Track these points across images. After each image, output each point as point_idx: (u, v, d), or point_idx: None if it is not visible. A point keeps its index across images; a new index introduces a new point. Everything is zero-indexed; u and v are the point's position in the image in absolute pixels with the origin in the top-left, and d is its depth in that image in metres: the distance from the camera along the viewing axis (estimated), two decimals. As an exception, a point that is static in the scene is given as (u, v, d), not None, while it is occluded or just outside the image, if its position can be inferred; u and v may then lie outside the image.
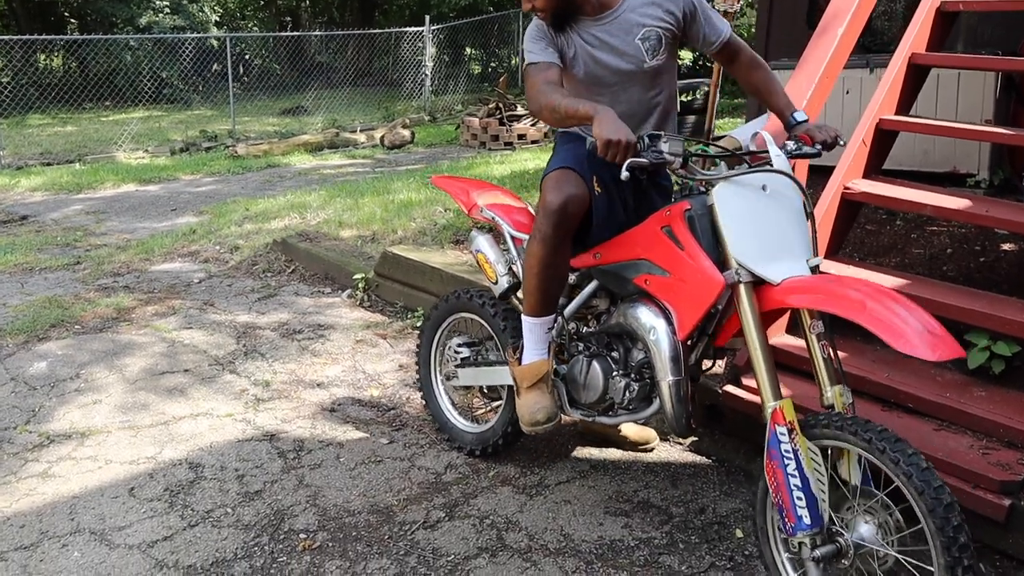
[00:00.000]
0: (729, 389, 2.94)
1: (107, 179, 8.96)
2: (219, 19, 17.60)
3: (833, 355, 2.16)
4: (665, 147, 2.18)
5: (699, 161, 2.28)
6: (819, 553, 2.02)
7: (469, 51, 19.77)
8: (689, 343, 2.38)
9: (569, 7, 2.45)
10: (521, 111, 10.94)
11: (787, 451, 2.04)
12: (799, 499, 2.02)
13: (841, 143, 2.47)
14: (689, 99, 10.09)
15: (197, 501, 2.78)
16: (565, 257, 2.51)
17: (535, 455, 3.05)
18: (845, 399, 2.13)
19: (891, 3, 5.97)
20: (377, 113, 14.29)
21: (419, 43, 14.69)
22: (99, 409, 3.46)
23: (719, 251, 2.22)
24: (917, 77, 3.48)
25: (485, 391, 3.05)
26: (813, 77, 3.15)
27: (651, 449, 3.08)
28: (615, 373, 2.54)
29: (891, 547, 1.97)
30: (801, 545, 2.04)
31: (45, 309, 4.60)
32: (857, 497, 2.04)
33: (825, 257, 3.09)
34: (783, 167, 2.26)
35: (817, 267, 2.21)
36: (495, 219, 2.88)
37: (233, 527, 2.64)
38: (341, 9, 23.10)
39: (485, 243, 2.91)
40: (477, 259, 2.93)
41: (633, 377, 2.50)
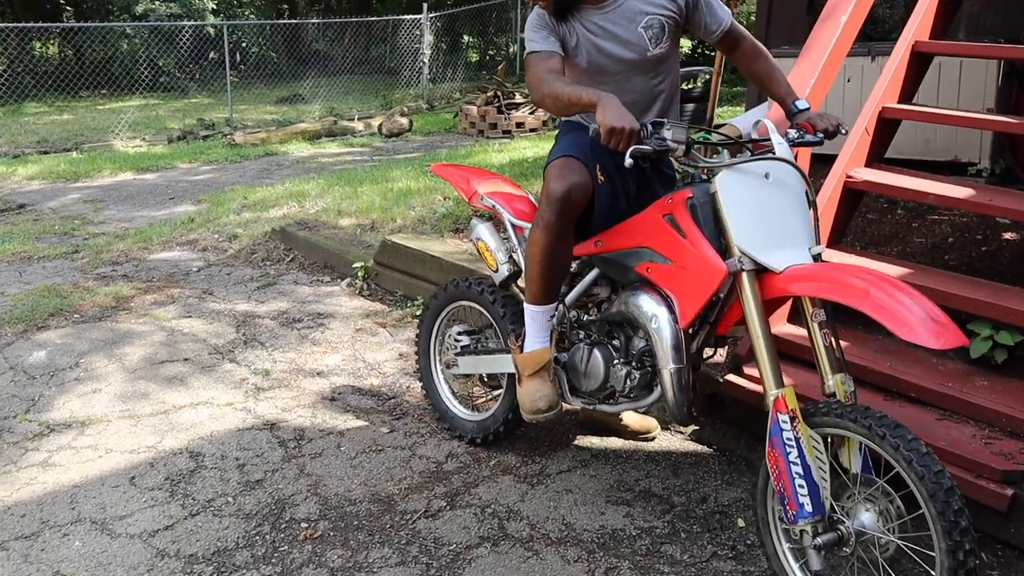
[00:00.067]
0: (730, 378, 2.94)
1: (104, 167, 8.92)
2: (216, 7, 17.45)
3: (835, 343, 2.15)
4: (668, 134, 2.17)
5: (701, 149, 2.27)
6: (820, 541, 2.02)
7: (467, 39, 19.65)
8: (691, 331, 2.37)
9: None
10: (519, 99, 10.90)
11: (789, 439, 2.04)
12: (801, 487, 2.02)
13: (843, 131, 2.46)
14: (689, 87, 10.04)
15: (198, 490, 2.78)
16: (568, 245, 2.51)
17: (536, 444, 3.05)
18: (847, 387, 2.12)
19: (893, -10, 5.94)
20: (375, 101, 14.23)
21: (417, 31, 14.61)
22: (99, 398, 3.45)
23: (721, 239, 2.21)
24: (920, 65, 3.47)
25: (485, 379, 3.05)
26: (816, 65, 3.13)
27: (652, 438, 3.08)
28: (616, 361, 2.54)
29: (892, 534, 1.98)
30: (803, 533, 2.04)
31: (44, 298, 4.59)
32: (858, 485, 2.04)
33: (827, 246, 3.08)
34: (785, 155, 2.25)
35: (819, 255, 2.20)
36: (496, 207, 2.87)
37: (234, 516, 2.64)
38: (338, -4, 22.99)
39: (486, 231, 2.90)
40: (477, 247, 2.92)
41: (634, 365, 2.50)
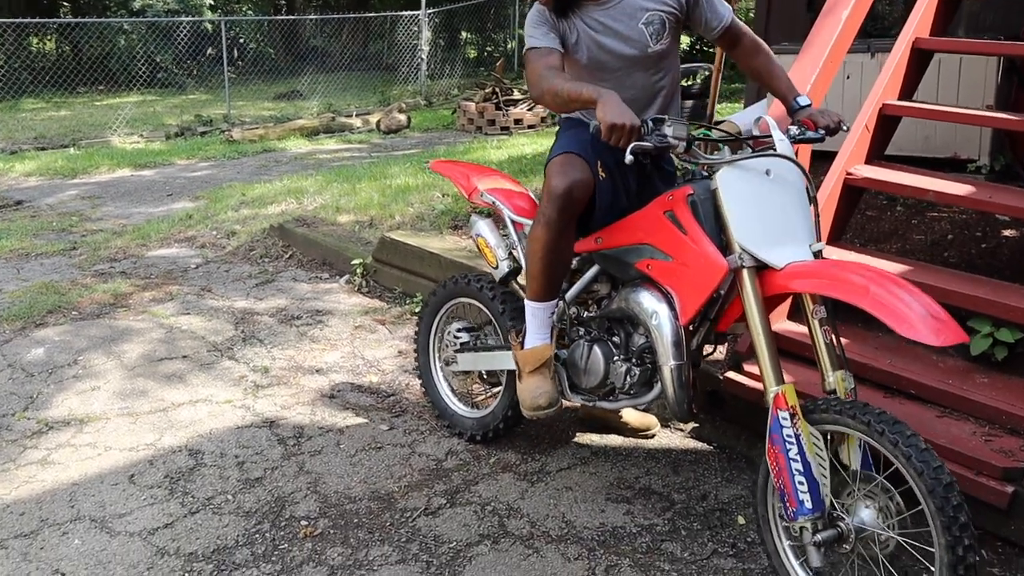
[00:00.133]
0: (730, 375, 2.94)
1: (102, 164, 8.90)
2: (213, 2, 17.43)
3: (836, 340, 2.15)
4: (669, 131, 2.16)
5: (702, 145, 2.27)
6: (820, 538, 2.02)
7: (465, 35, 19.63)
8: (691, 328, 2.37)
9: None
10: (518, 96, 10.88)
11: (789, 436, 2.04)
12: (801, 484, 2.02)
13: (844, 128, 2.46)
14: (688, 84, 10.03)
15: (197, 488, 2.77)
16: (569, 242, 2.50)
17: (536, 442, 3.05)
18: (847, 384, 2.12)
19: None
20: (373, 98, 14.21)
21: (415, 27, 14.59)
22: (97, 396, 3.45)
23: (722, 236, 2.21)
24: (920, 62, 3.46)
25: (484, 376, 3.04)
26: (817, 61, 3.13)
27: (652, 435, 3.08)
28: (616, 358, 2.54)
29: (892, 530, 1.98)
30: (802, 530, 2.04)
31: (42, 295, 4.57)
32: (857, 481, 2.04)
33: (827, 243, 3.07)
34: (786, 152, 2.25)
35: (820, 252, 2.20)
36: (496, 204, 2.87)
37: (234, 514, 2.63)
38: (336, -8, 22.93)
39: (485, 228, 2.90)
40: (477, 244, 2.91)
41: (634, 362, 2.50)
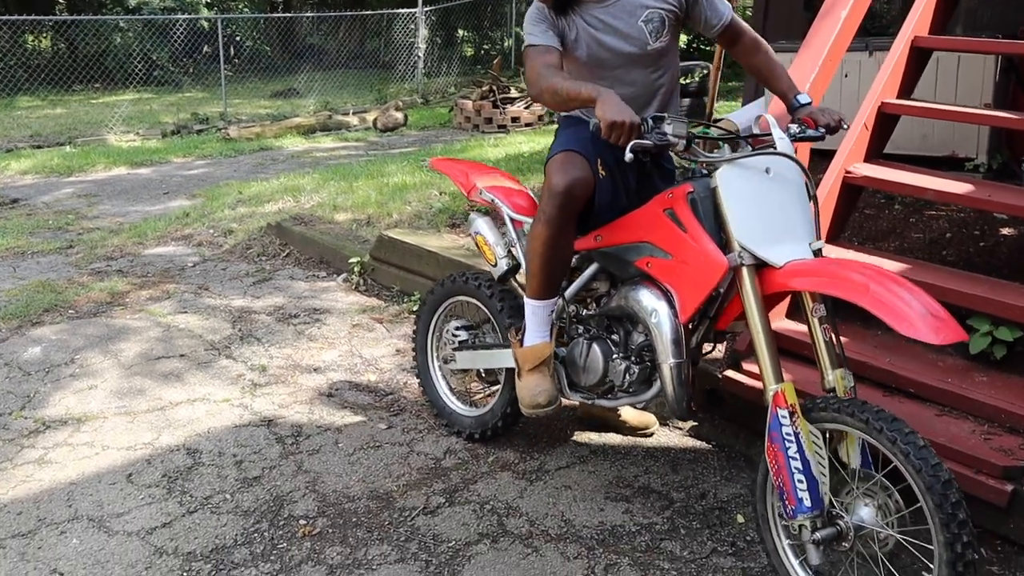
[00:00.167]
0: (729, 374, 2.93)
1: (98, 162, 8.87)
2: (209, 0, 17.40)
3: (835, 339, 2.15)
4: (669, 129, 2.16)
5: (702, 143, 2.26)
6: (819, 536, 2.02)
7: (462, 33, 19.61)
8: (690, 326, 2.37)
9: None
10: (515, 93, 10.87)
11: (788, 434, 2.04)
12: (800, 482, 2.02)
13: (844, 127, 2.46)
14: (687, 82, 10.02)
15: (195, 487, 2.77)
16: (569, 240, 2.50)
17: (534, 440, 3.04)
18: (847, 383, 2.12)
19: (891, -15, 5.94)
20: (370, 95, 14.17)
21: (411, 25, 14.56)
22: (95, 394, 3.43)
23: (721, 234, 2.21)
24: (919, 60, 3.46)
25: (483, 374, 3.04)
26: (817, 59, 3.13)
27: (651, 434, 3.07)
28: (615, 356, 2.54)
29: (891, 528, 1.98)
30: (802, 528, 2.04)
31: (38, 293, 4.56)
32: (857, 480, 2.04)
33: (826, 241, 3.07)
34: (787, 150, 2.24)
35: (820, 250, 2.20)
36: (495, 201, 2.86)
37: (232, 513, 2.62)
38: (332, -11, 22.87)
39: (484, 225, 2.89)
40: (476, 241, 2.91)
41: (633, 360, 2.50)
